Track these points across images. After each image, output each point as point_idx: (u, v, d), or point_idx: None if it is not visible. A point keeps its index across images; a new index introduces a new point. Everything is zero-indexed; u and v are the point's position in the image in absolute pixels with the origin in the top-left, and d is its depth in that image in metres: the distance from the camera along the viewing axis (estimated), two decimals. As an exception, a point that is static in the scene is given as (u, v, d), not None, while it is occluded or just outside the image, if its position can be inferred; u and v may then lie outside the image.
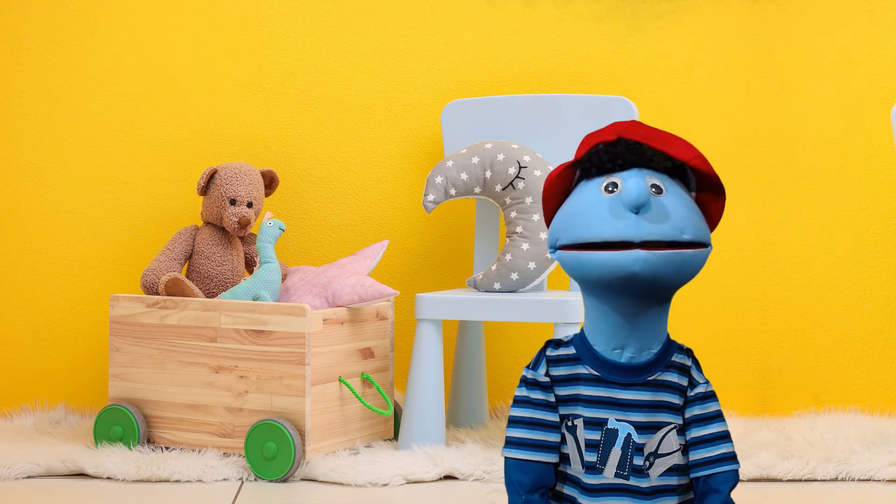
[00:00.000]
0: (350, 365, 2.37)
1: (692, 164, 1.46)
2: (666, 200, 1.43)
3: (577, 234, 1.44)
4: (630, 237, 1.40)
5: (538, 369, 1.50)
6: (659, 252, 1.40)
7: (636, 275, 1.41)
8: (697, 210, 1.46)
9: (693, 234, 1.43)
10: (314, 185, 2.78)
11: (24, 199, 2.79)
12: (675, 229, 1.41)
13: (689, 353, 1.50)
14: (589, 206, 1.44)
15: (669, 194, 1.44)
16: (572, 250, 1.45)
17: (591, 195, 1.45)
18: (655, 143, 1.46)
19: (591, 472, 1.47)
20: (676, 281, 1.44)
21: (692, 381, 1.49)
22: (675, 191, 1.45)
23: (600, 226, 1.42)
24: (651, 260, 1.40)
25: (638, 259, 1.40)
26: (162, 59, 2.78)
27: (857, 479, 2.23)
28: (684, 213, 1.43)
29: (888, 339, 2.74)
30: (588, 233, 1.42)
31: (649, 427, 1.46)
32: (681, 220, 1.42)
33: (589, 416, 1.47)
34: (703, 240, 1.44)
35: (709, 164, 1.47)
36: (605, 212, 1.42)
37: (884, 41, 2.73)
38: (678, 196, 1.45)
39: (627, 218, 1.41)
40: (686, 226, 1.42)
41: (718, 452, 1.47)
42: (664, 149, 1.46)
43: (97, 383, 2.75)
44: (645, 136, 1.47)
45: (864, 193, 2.75)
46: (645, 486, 1.46)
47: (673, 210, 1.42)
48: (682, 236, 1.42)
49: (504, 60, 2.77)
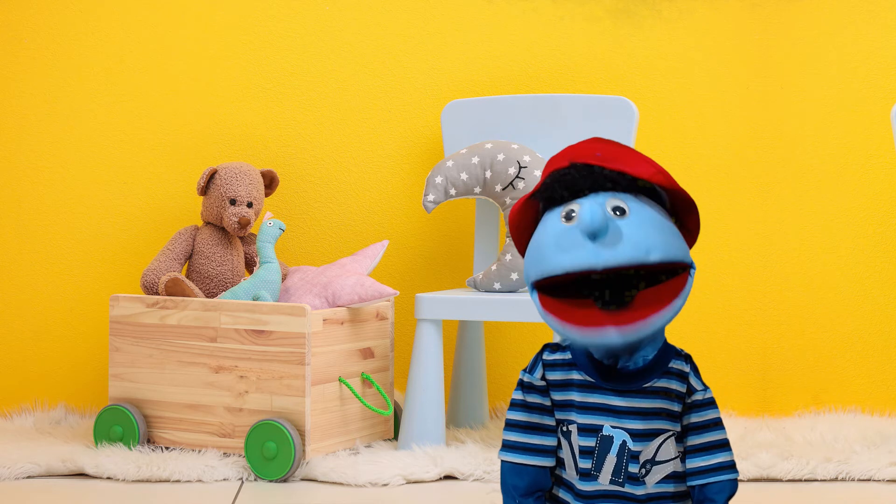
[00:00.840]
0: (350, 365, 2.37)
1: (653, 180, 1.40)
2: (629, 222, 1.36)
3: (541, 268, 1.38)
4: (590, 266, 1.34)
5: (534, 373, 1.48)
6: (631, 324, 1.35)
7: (616, 347, 1.38)
8: (669, 227, 1.40)
9: (662, 253, 1.36)
10: (314, 185, 2.78)
11: (24, 199, 2.79)
12: (640, 251, 1.35)
13: (687, 358, 1.47)
14: (549, 237, 1.39)
15: (634, 214, 1.37)
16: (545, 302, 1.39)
17: (551, 226, 1.40)
18: (612, 163, 1.40)
19: (585, 479, 1.45)
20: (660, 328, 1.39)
21: (690, 387, 1.46)
22: (640, 210, 1.38)
23: (560, 258, 1.36)
24: (627, 332, 1.35)
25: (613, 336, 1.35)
26: (162, 59, 2.78)
27: (857, 479, 2.23)
28: (650, 233, 1.36)
29: (888, 339, 2.74)
30: (550, 266, 1.37)
31: (646, 434, 1.44)
32: (646, 240, 1.35)
33: (583, 422, 1.45)
34: (675, 258, 1.37)
35: (671, 179, 1.40)
36: (564, 242, 1.36)
37: (884, 41, 2.73)
38: (643, 215, 1.38)
39: (585, 246, 1.35)
40: (652, 245, 1.35)
41: (715, 461, 1.45)
42: (621, 167, 1.40)
43: (97, 383, 2.75)
44: (601, 156, 1.40)
45: (864, 193, 2.75)
46: (640, 493, 1.44)
47: (636, 231, 1.35)
48: (649, 258, 1.35)
49: (504, 60, 2.77)
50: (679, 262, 1.38)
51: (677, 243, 1.39)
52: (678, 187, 1.41)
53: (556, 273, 1.36)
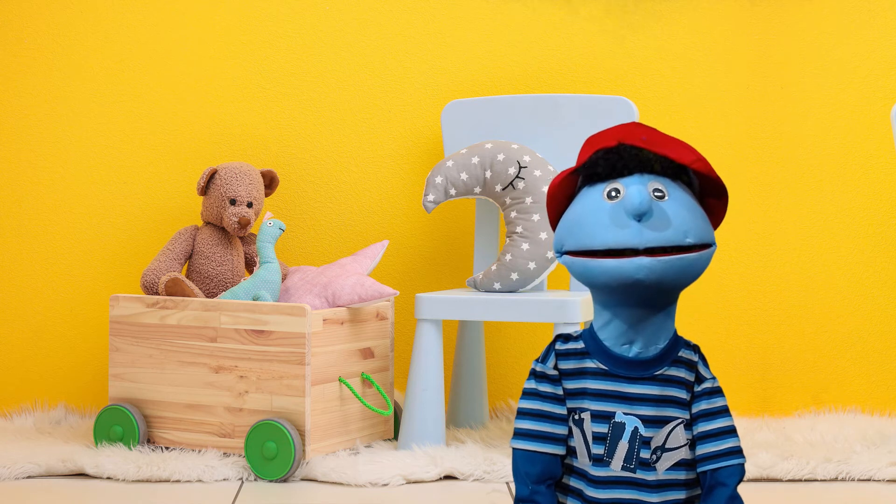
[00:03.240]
0: (350, 365, 2.37)
1: (693, 167, 1.48)
2: (668, 205, 1.45)
3: (581, 241, 1.46)
4: (634, 245, 1.42)
5: (547, 362, 1.53)
6: (663, 258, 1.43)
7: (641, 281, 1.43)
8: (701, 211, 1.48)
9: (696, 236, 1.45)
10: (314, 185, 2.78)
11: (24, 199, 2.79)
12: (679, 234, 1.44)
13: (696, 349, 1.52)
14: (592, 213, 1.46)
15: (672, 198, 1.46)
16: (577, 256, 1.47)
17: (593, 202, 1.47)
18: (656, 147, 1.48)
19: (598, 465, 1.49)
20: (682, 283, 1.46)
21: (699, 376, 1.51)
22: (677, 194, 1.47)
23: (604, 234, 1.44)
24: (655, 266, 1.42)
25: (642, 266, 1.42)
26: (162, 59, 2.78)
27: (857, 479, 2.23)
28: (687, 217, 1.45)
29: (888, 339, 2.74)
30: (592, 241, 1.45)
31: (657, 421, 1.49)
32: (683, 224, 1.44)
33: (596, 409, 1.50)
34: (706, 241, 1.46)
35: (710, 166, 1.48)
36: (608, 219, 1.44)
37: (884, 41, 2.73)
38: (681, 199, 1.46)
39: (631, 226, 1.43)
40: (689, 229, 1.44)
41: (725, 447, 1.49)
42: (665, 153, 1.48)
43: (97, 383, 2.75)
44: (646, 140, 1.48)
45: (864, 193, 2.75)
46: (651, 479, 1.49)
47: (675, 215, 1.44)
48: (686, 240, 1.44)
49: (504, 60, 2.77)
50: (706, 243, 1.47)
51: (707, 227, 1.48)
52: (716, 175, 1.49)
53: (598, 247, 1.44)
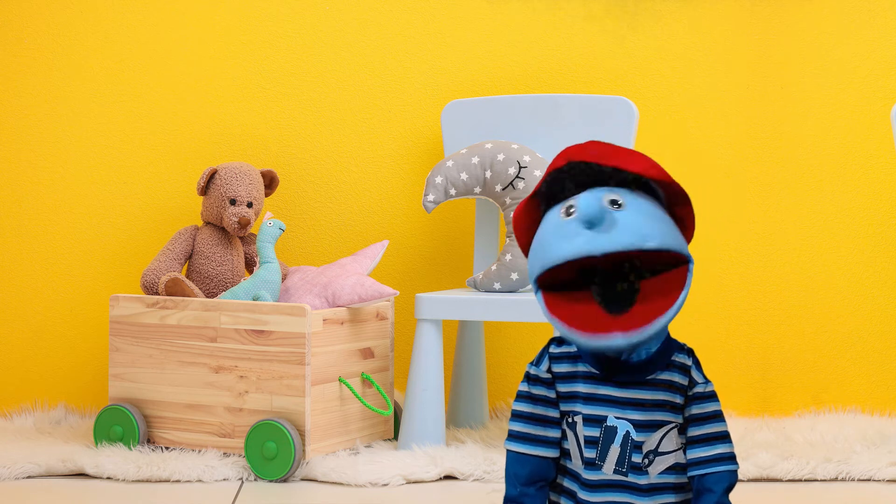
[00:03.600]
0: (350, 365, 2.37)
1: (647, 174, 1.45)
2: (625, 213, 1.42)
3: (542, 261, 1.43)
4: (589, 252, 1.39)
5: (541, 365, 1.52)
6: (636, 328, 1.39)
7: (620, 349, 1.41)
8: (665, 219, 1.45)
9: (659, 241, 1.41)
10: (314, 185, 2.78)
11: (24, 199, 2.79)
12: (637, 237, 1.40)
13: (689, 352, 1.51)
14: (550, 231, 1.44)
15: (629, 206, 1.43)
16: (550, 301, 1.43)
17: (552, 221, 1.45)
18: (607, 161, 1.46)
19: (590, 468, 1.49)
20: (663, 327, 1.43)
21: (692, 380, 1.50)
22: (636, 202, 1.44)
23: (559, 247, 1.41)
24: (632, 335, 1.39)
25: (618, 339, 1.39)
26: (162, 59, 2.78)
27: (857, 479, 2.23)
28: (646, 222, 1.42)
29: (888, 339, 2.74)
30: (549, 257, 1.42)
31: (649, 425, 1.48)
32: (642, 228, 1.41)
33: (588, 412, 1.49)
34: (673, 248, 1.42)
35: (665, 172, 1.45)
36: (563, 232, 1.42)
37: (884, 41, 2.73)
38: (639, 207, 1.43)
39: (583, 234, 1.40)
40: (648, 233, 1.41)
41: (714, 452, 1.48)
42: (615, 164, 1.45)
43: (97, 383, 2.75)
44: (596, 154, 1.46)
45: (864, 193, 2.75)
46: (643, 483, 1.48)
47: (633, 220, 1.41)
48: (646, 244, 1.40)
49: (504, 60, 2.77)
50: (676, 251, 1.42)
51: (674, 234, 1.44)
52: (671, 180, 1.45)
53: (556, 263, 1.41)
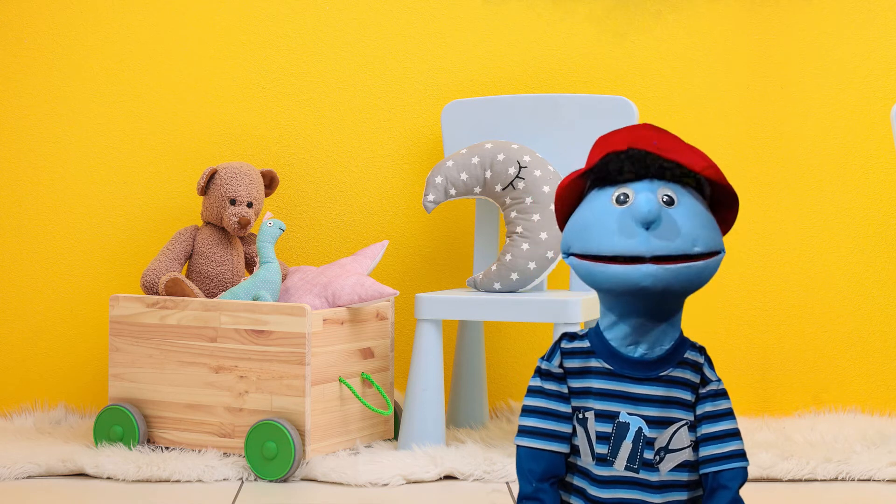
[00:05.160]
0: (350, 365, 2.37)
1: (705, 174, 1.47)
2: (678, 212, 1.44)
3: (588, 245, 1.45)
4: (641, 253, 1.41)
5: (553, 360, 1.52)
6: (669, 266, 1.42)
7: (647, 289, 1.43)
8: (710, 218, 1.47)
9: (705, 245, 1.43)
10: (314, 185, 2.78)
11: (24, 199, 2.79)
12: (687, 242, 1.42)
13: (701, 350, 1.52)
14: (600, 218, 1.45)
15: (681, 205, 1.44)
16: (584, 259, 1.46)
17: (602, 206, 1.46)
18: (668, 153, 1.47)
19: (601, 464, 1.49)
20: (688, 290, 1.45)
21: (704, 378, 1.51)
22: (687, 201, 1.45)
23: (611, 241, 1.43)
24: (661, 275, 1.42)
25: (648, 274, 1.42)
26: (162, 59, 2.78)
27: (857, 479, 2.23)
28: (696, 225, 1.44)
29: (888, 339, 2.74)
30: (599, 246, 1.44)
31: (661, 422, 1.49)
32: (692, 232, 1.43)
33: (600, 408, 1.49)
34: (715, 249, 1.45)
35: (721, 173, 1.47)
36: (616, 226, 1.43)
37: (884, 41, 2.73)
38: (690, 207, 1.45)
39: (639, 234, 1.42)
40: (698, 237, 1.43)
41: (728, 449, 1.49)
42: (676, 159, 1.47)
43: (97, 383, 2.75)
44: (657, 144, 1.47)
45: (864, 193, 2.75)
46: (654, 479, 1.48)
47: (684, 223, 1.43)
48: (694, 249, 1.43)
49: (504, 60, 2.77)
50: (715, 251, 1.46)
51: (716, 235, 1.46)
52: (727, 182, 1.47)
53: (606, 254, 1.43)
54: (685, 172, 1.47)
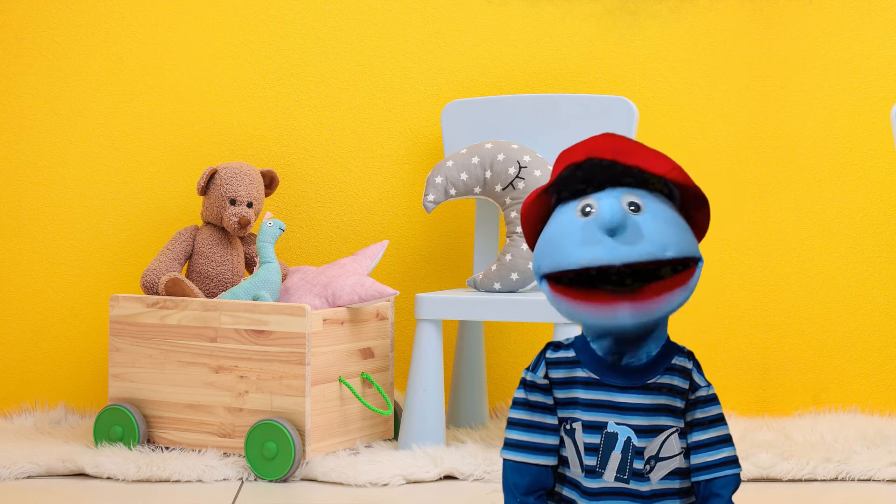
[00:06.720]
0: (350, 365, 2.37)
1: (669, 177, 1.42)
2: (645, 218, 1.39)
3: (555, 261, 1.40)
4: (608, 262, 1.36)
5: (537, 371, 1.48)
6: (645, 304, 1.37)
7: (626, 329, 1.39)
8: (681, 223, 1.42)
9: (677, 249, 1.38)
10: (314, 185, 2.78)
11: (24, 199, 2.79)
12: (657, 247, 1.37)
13: (689, 355, 1.48)
14: (565, 231, 1.40)
15: (648, 211, 1.40)
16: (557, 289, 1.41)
17: (566, 220, 1.41)
18: (628, 159, 1.41)
19: (590, 476, 1.46)
20: (670, 312, 1.41)
21: (693, 384, 1.47)
22: (654, 206, 1.40)
23: (577, 252, 1.38)
24: (640, 313, 1.37)
25: (626, 316, 1.37)
26: (162, 59, 2.78)
27: (857, 479, 2.23)
28: (665, 230, 1.38)
29: (888, 339, 2.74)
30: (565, 260, 1.39)
31: (650, 431, 1.45)
32: (662, 237, 1.38)
33: (587, 419, 1.45)
34: (688, 254, 1.39)
35: (686, 175, 1.42)
36: (581, 237, 1.38)
37: (884, 41, 2.73)
38: (658, 212, 1.40)
39: (604, 242, 1.37)
40: (668, 242, 1.38)
41: (720, 456, 1.46)
42: (637, 164, 1.41)
43: (97, 383, 2.75)
44: (617, 151, 1.42)
45: (864, 193, 2.75)
46: (645, 489, 1.45)
47: (652, 228, 1.38)
48: (665, 254, 1.37)
49: (504, 60, 2.77)
50: (690, 257, 1.40)
51: (689, 239, 1.41)
52: (692, 184, 1.43)
53: (572, 267, 1.38)
54: (650, 178, 1.42)
